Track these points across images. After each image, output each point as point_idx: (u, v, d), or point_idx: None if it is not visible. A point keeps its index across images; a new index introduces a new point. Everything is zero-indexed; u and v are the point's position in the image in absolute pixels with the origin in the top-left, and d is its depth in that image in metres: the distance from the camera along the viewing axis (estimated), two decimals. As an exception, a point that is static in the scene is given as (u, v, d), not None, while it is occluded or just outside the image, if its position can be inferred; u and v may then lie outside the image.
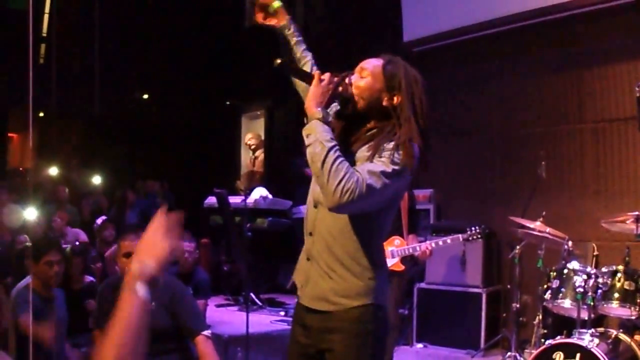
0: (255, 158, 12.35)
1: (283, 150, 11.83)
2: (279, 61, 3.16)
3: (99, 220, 9.68)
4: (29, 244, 6.68)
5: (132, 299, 1.80)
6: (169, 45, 13.91)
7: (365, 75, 3.18)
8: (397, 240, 5.78)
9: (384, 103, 3.14)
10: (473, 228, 5.95)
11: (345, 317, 3.12)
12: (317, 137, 2.96)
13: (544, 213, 6.35)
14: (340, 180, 2.84)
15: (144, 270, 1.83)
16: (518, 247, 6.57)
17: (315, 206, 3.24)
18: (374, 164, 2.95)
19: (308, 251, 3.26)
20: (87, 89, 14.65)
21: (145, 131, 14.07)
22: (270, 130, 12.64)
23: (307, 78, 3.18)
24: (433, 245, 5.88)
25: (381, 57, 3.24)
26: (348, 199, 2.83)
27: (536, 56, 8.06)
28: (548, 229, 6.17)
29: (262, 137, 12.51)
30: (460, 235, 5.91)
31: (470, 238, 5.95)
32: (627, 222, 5.71)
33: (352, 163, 3.03)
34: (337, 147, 2.95)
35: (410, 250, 5.78)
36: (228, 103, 11.68)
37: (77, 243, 7.90)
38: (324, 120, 3.02)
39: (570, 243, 6.10)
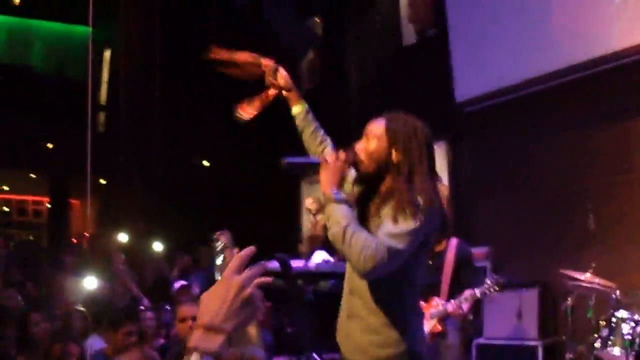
0: (316, 222, 12.88)
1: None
2: (284, 162, 3.52)
3: (177, 285, 10.34)
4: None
5: None
6: (228, 112, 14.57)
7: (371, 138, 3.53)
8: (434, 301, 5.93)
9: (393, 159, 3.48)
10: (489, 281, 5.88)
11: None
12: (334, 219, 3.34)
13: (593, 264, 6.68)
14: (361, 251, 3.20)
15: (203, 344, 1.74)
16: (570, 298, 6.93)
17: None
18: (393, 225, 3.29)
19: (348, 309, 3.68)
20: (147, 156, 15.46)
21: (205, 197, 14.66)
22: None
23: (316, 167, 3.53)
24: (461, 302, 5.83)
25: (383, 116, 3.58)
26: (372, 265, 3.19)
27: (584, 109, 8.44)
28: (597, 280, 6.54)
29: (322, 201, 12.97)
30: (476, 290, 5.84)
31: (488, 291, 5.84)
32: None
33: (377, 223, 3.42)
34: (352, 223, 3.30)
35: (444, 309, 5.87)
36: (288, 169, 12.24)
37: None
38: (337, 200, 3.38)
39: (618, 292, 6.45)
